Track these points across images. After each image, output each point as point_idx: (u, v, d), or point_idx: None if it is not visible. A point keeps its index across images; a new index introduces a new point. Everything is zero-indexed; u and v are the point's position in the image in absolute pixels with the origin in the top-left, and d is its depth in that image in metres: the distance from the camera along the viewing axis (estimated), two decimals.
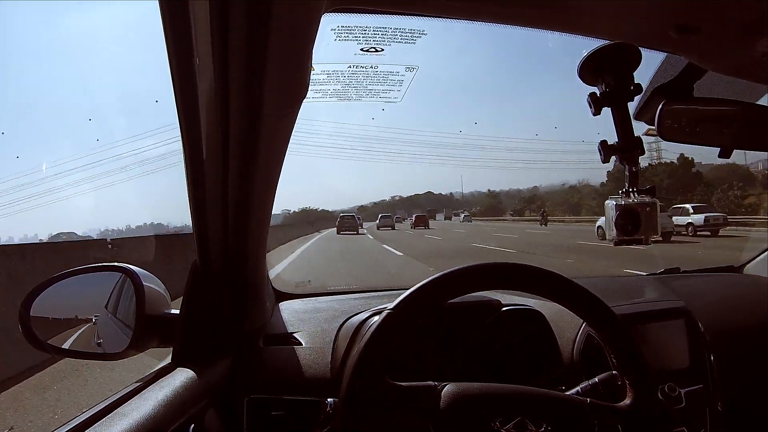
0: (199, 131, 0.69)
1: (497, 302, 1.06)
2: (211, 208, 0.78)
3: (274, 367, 0.96)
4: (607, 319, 0.78)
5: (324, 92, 0.87)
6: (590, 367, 0.94)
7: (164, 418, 0.67)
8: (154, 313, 0.85)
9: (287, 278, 8.56)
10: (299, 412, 0.89)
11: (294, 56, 0.64)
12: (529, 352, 1.03)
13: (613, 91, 0.80)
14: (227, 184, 0.75)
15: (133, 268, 0.86)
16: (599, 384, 0.80)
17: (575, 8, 0.64)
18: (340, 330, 1.02)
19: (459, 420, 0.71)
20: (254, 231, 0.88)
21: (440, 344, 1.01)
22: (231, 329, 0.93)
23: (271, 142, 0.75)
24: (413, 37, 0.76)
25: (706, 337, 1.07)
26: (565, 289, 0.80)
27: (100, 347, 0.87)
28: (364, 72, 0.85)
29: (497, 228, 28.20)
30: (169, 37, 0.60)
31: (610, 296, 0.91)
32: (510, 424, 0.70)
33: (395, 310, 0.76)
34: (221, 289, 0.89)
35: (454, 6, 0.63)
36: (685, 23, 0.65)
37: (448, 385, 0.74)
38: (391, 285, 1.35)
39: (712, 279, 1.52)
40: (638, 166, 0.84)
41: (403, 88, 0.88)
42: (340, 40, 0.74)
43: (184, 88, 0.65)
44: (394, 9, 0.68)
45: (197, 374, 0.79)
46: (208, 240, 0.83)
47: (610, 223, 0.84)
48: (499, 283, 0.84)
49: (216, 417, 0.84)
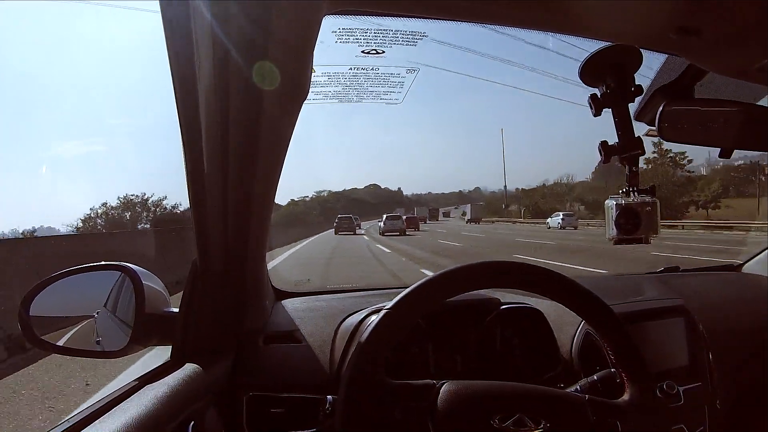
0: (199, 131, 0.69)
1: (496, 300, 1.06)
2: (211, 207, 0.78)
3: (273, 364, 0.96)
4: (603, 315, 0.79)
5: (325, 94, 0.87)
6: (589, 366, 0.94)
7: (164, 416, 0.67)
8: (154, 311, 0.85)
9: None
10: (299, 409, 0.90)
11: (295, 58, 0.64)
12: (529, 350, 1.03)
13: (614, 93, 0.80)
14: (227, 183, 0.75)
15: (132, 267, 0.86)
16: (598, 382, 0.80)
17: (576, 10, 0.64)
18: (339, 328, 1.02)
19: (458, 418, 0.72)
20: (254, 230, 0.88)
21: (440, 342, 1.01)
22: (231, 327, 0.93)
23: (271, 142, 0.75)
24: (414, 39, 0.75)
25: (705, 336, 1.08)
26: (562, 286, 0.80)
27: (100, 345, 0.87)
28: (364, 74, 0.85)
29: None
30: (169, 38, 0.60)
31: (609, 295, 0.91)
32: (509, 422, 0.71)
33: (393, 309, 0.76)
34: (221, 287, 0.89)
35: (454, 8, 0.62)
36: (686, 25, 0.65)
37: (447, 383, 0.74)
38: (391, 283, 1.35)
39: (711, 278, 1.52)
40: (638, 166, 0.85)
41: (403, 89, 0.88)
42: (341, 42, 0.74)
43: (184, 88, 0.65)
44: (395, 11, 0.68)
45: (197, 372, 0.79)
46: (208, 239, 0.83)
47: (610, 222, 0.84)
48: (497, 282, 0.84)
49: (216, 414, 0.84)
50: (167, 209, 31.13)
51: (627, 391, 0.76)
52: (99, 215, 30.41)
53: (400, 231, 22.67)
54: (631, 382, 0.76)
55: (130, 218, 30.54)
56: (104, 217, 30.38)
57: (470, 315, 1.03)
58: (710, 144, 0.87)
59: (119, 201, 31.33)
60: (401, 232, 22.52)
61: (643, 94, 0.83)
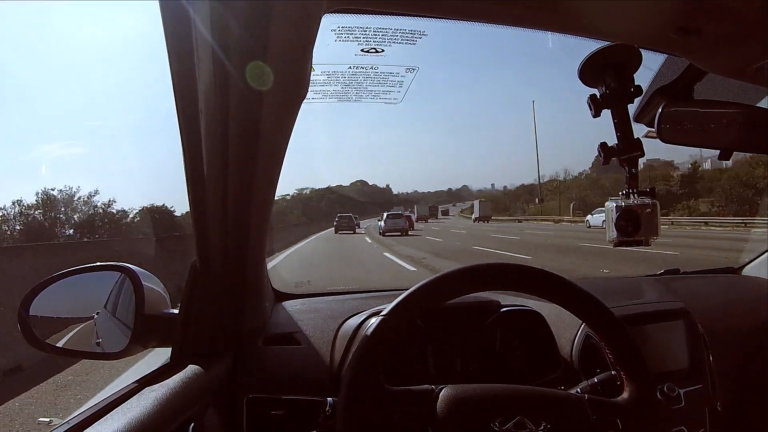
0: (199, 131, 0.69)
1: (496, 303, 1.06)
2: (211, 208, 0.78)
3: (273, 366, 0.96)
4: (603, 317, 0.79)
5: (324, 93, 0.87)
6: (589, 368, 0.94)
7: (164, 417, 0.67)
8: (154, 312, 0.85)
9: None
10: (298, 411, 0.90)
11: (294, 56, 0.64)
12: (529, 352, 1.03)
13: (614, 93, 0.80)
14: (227, 184, 0.75)
15: (132, 268, 0.86)
16: (598, 384, 0.80)
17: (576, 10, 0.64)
18: (338, 330, 1.02)
19: (457, 422, 0.71)
20: (254, 231, 0.88)
21: (440, 345, 1.01)
22: (230, 329, 0.93)
23: (270, 142, 0.75)
24: (414, 38, 0.75)
25: (705, 338, 1.08)
26: (562, 288, 0.80)
27: (99, 347, 0.87)
28: (364, 73, 0.85)
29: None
30: (169, 38, 0.60)
31: (609, 297, 0.91)
32: (509, 424, 0.71)
33: (389, 315, 0.76)
34: (221, 288, 0.89)
35: (454, 7, 0.63)
36: (686, 25, 0.65)
37: (446, 387, 0.74)
38: (390, 285, 1.35)
39: (711, 280, 1.52)
40: (638, 168, 0.85)
41: (403, 89, 0.88)
42: (341, 40, 0.74)
43: (184, 88, 0.65)
44: (395, 10, 0.68)
45: (197, 374, 0.79)
46: (207, 240, 0.83)
47: (610, 224, 0.84)
48: (496, 284, 0.84)
49: (216, 416, 0.84)
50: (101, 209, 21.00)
51: (626, 388, 0.76)
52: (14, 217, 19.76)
53: (402, 231, 21.32)
54: (630, 380, 0.76)
55: (49, 223, 20.17)
56: (20, 219, 19.75)
57: (470, 317, 1.03)
58: (709, 145, 0.87)
59: (36, 199, 20.21)
60: (403, 232, 21.16)
61: (642, 95, 0.82)
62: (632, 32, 0.70)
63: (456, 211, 53.34)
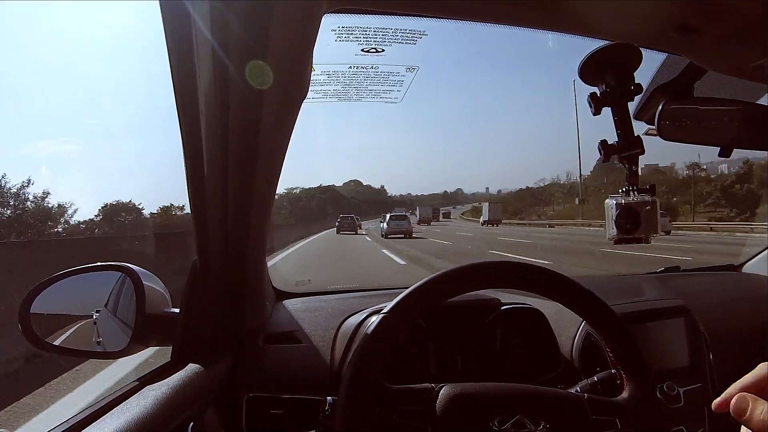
0: (200, 131, 0.69)
1: (497, 301, 1.06)
2: (211, 208, 0.78)
3: (273, 365, 0.96)
4: (603, 315, 0.79)
5: (324, 93, 0.87)
6: (590, 366, 0.94)
7: (164, 416, 0.67)
8: (154, 311, 0.85)
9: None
10: (298, 410, 0.90)
11: (294, 56, 0.64)
12: (529, 350, 1.03)
13: (614, 91, 0.80)
14: (227, 184, 0.75)
15: (133, 267, 0.86)
16: (598, 383, 0.80)
17: (576, 9, 0.64)
18: (339, 329, 1.02)
19: (457, 421, 0.72)
20: (254, 230, 0.88)
21: (440, 344, 1.01)
22: (231, 328, 0.93)
23: (270, 142, 0.75)
24: (414, 38, 0.75)
25: (706, 336, 1.08)
26: (562, 286, 0.80)
27: (100, 346, 0.87)
28: (364, 72, 0.85)
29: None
30: (169, 37, 0.60)
31: (609, 295, 0.91)
32: (508, 423, 0.71)
33: (390, 313, 0.76)
34: (221, 287, 0.89)
35: (454, 6, 0.63)
36: (686, 24, 0.65)
37: (445, 386, 0.74)
38: (391, 284, 1.35)
39: (712, 278, 1.52)
40: (638, 165, 0.84)
41: (403, 88, 0.88)
42: (341, 40, 0.74)
43: (184, 88, 0.65)
44: (395, 9, 0.68)
45: (197, 373, 0.79)
46: (208, 239, 0.83)
47: (610, 221, 0.84)
48: (496, 282, 0.84)
49: (216, 415, 0.84)
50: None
51: (626, 387, 0.76)
52: None
53: (406, 233, 20.90)
54: (630, 378, 0.76)
55: None
56: None
57: (471, 315, 1.03)
58: (709, 143, 0.87)
59: None
60: (407, 234, 20.73)
61: (642, 93, 0.82)
62: (632, 32, 0.70)
63: (457, 213, 52.95)
